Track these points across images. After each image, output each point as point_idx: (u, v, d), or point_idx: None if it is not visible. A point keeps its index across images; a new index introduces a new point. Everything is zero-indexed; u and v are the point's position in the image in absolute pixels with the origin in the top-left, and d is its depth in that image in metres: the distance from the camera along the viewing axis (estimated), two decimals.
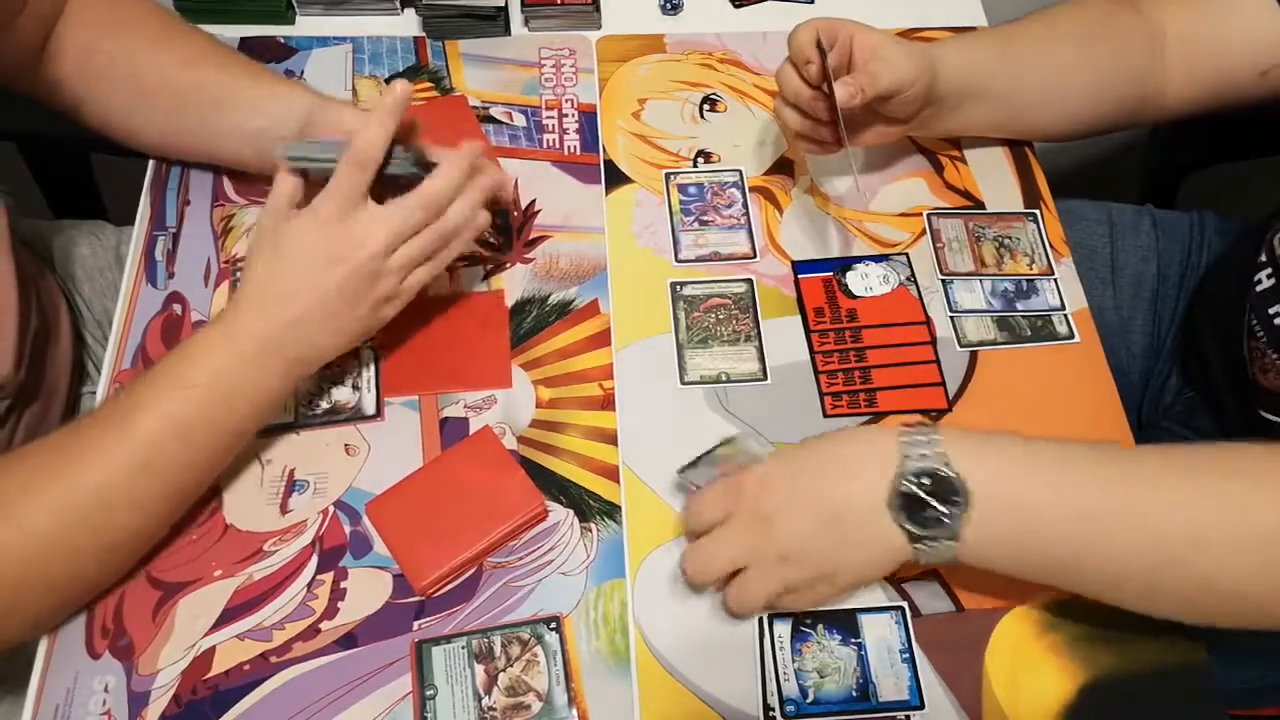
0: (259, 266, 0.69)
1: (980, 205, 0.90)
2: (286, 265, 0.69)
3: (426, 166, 0.72)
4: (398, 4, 1.00)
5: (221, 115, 0.81)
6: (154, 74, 0.81)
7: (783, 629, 0.69)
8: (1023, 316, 0.83)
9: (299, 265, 0.69)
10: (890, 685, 0.67)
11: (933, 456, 0.62)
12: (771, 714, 0.67)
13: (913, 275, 0.85)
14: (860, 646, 0.68)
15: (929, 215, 0.89)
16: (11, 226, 0.76)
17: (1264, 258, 0.82)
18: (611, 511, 0.74)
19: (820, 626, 0.69)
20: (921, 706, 0.67)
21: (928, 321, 0.83)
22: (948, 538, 0.62)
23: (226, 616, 0.69)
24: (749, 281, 0.85)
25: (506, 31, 0.99)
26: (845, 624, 0.69)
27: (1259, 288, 0.82)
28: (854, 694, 0.67)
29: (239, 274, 0.83)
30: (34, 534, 0.63)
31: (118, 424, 0.65)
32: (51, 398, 0.84)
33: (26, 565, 0.63)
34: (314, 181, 0.71)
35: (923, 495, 0.61)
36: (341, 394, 0.78)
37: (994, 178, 0.91)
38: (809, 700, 0.67)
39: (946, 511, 0.61)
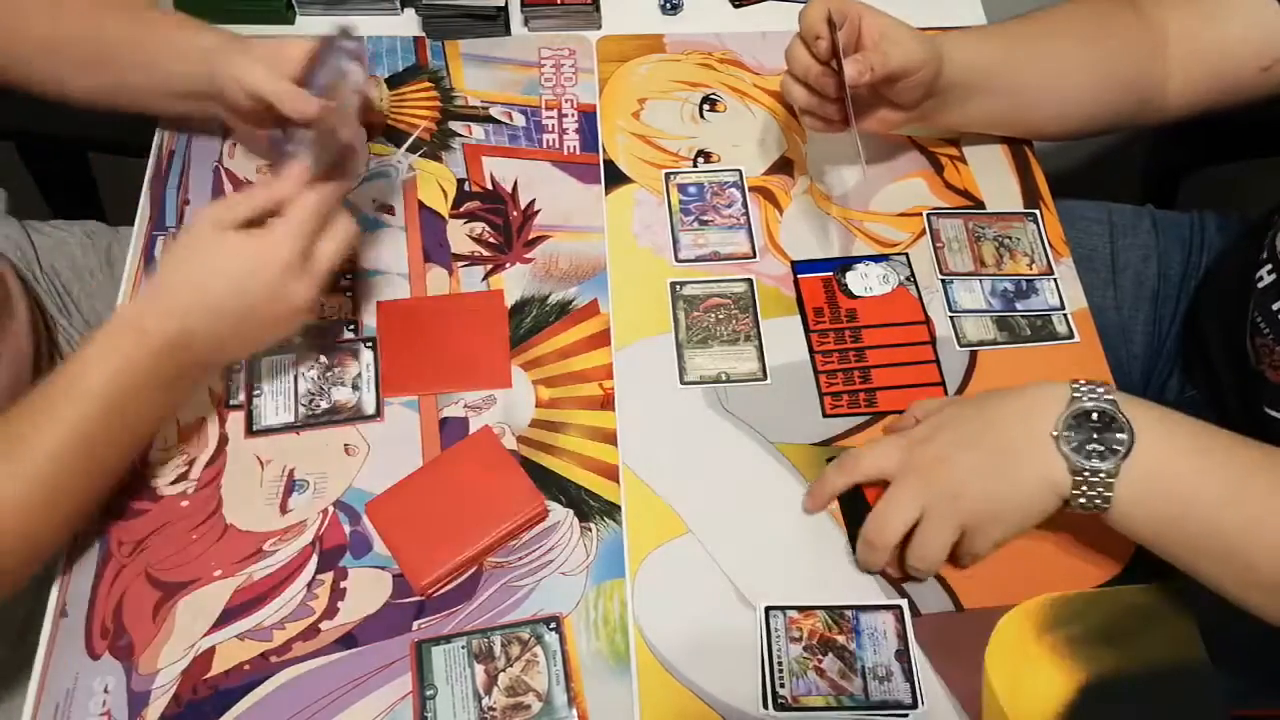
0: (193, 263, 0.68)
1: (980, 205, 0.90)
2: (213, 270, 0.68)
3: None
4: (397, 4, 1.00)
5: (131, 67, 0.82)
6: (50, 27, 0.81)
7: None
8: (1022, 316, 0.83)
9: (225, 273, 0.68)
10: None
11: (1103, 400, 0.64)
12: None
13: (912, 275, 0.85)
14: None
15: (929, 215, 0.89)
16: None
17: (1265, 254, 0.82)
18: (611, 511, 0.74)
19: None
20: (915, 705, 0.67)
21: (927, 321, 0.83)
22: (1107, 477, 0.63)
23: (226, 616, 0.69)
24: (749, 281, 0.85)
25: (506, 31, 0.99)
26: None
27: (1260, 284, 0.82)
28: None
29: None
30: None
31: (16, 439, 0.64)
32: (15, 390, 0.82)
33: None
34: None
35: (1090, 424, 0.64)
36: (341, 394, 0.78)
37: (994, 177, 0.91)
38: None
39: (1110, 448, 0.63)
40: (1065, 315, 0.83)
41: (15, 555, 0.64)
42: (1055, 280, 0.85)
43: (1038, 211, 0.89)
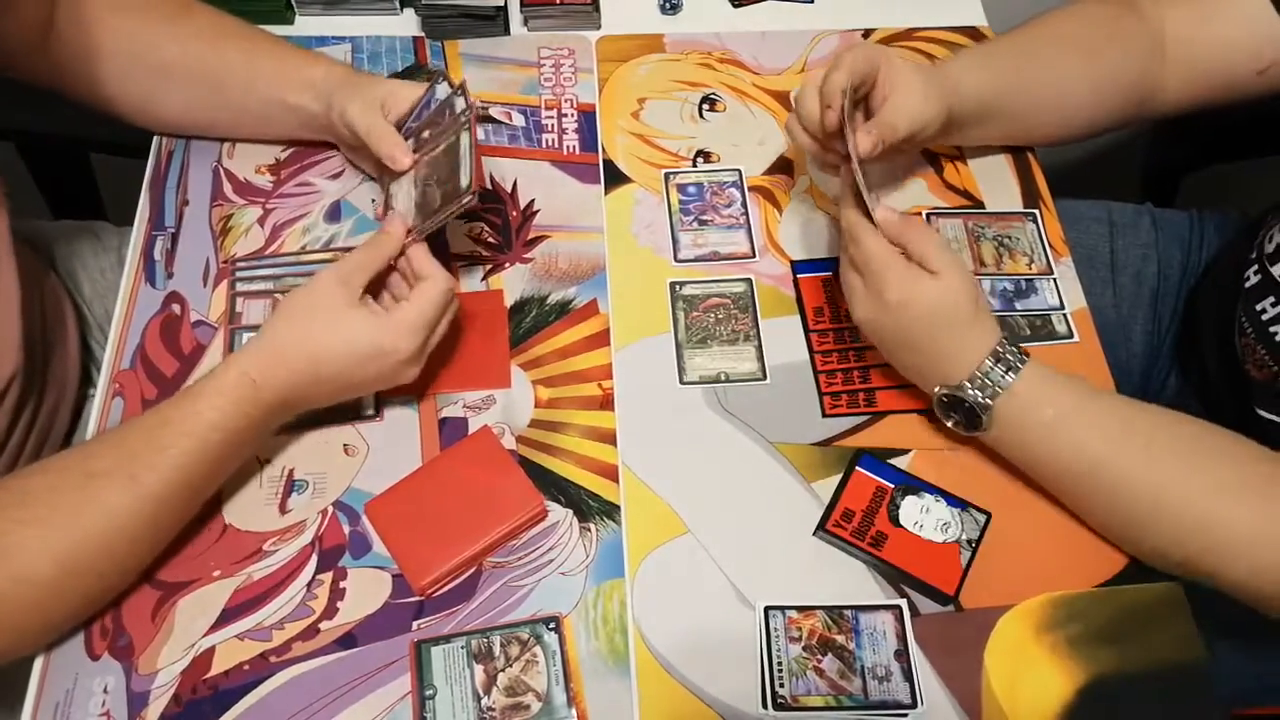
0: (315, 334, 0.69)
1: (980, 205, 0.90)
2: (334, 347, 0.69)
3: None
4: (397, 4, 1.00)
5: (248, 95, 0.84)
6: (175, 51, 0.82)
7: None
8: (1022, 316, 0.83)
9: (344, 354, 0.70)
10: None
11: (993, 390, 0.70)
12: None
13: None
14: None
15: (929, 215, 0.89)
16: (12, 226, 0.76)
17: (1254, 254, 0.83)
18: (611, 511, 0.74)
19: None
20: (914, 705, 0.67)
21: None
22: (1000, 381, 0.70)
23: (226, 616, 0.69)
24: (748, 281, 0.85)
25: (506, 31, 0.99)
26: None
27: (1248, 284, 0.82)
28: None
29: (236, 271, 0.83)
30: (35, 584, 0.62)
31: (125, 481, 0.65)
32: (60, 398, 0.84)
33: (25, 612, 0.63)
34: None
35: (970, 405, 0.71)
36: None
37: (993, 177, 0.91)
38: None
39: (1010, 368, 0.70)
40: (1065, 315, 0.83)
41: (131, 575, 0.69)
42: (1055, 280, 0.85)
43: (1037, 211, 0.89)
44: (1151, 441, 0.68)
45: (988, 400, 0.70)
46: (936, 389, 0.72)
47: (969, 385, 0.70)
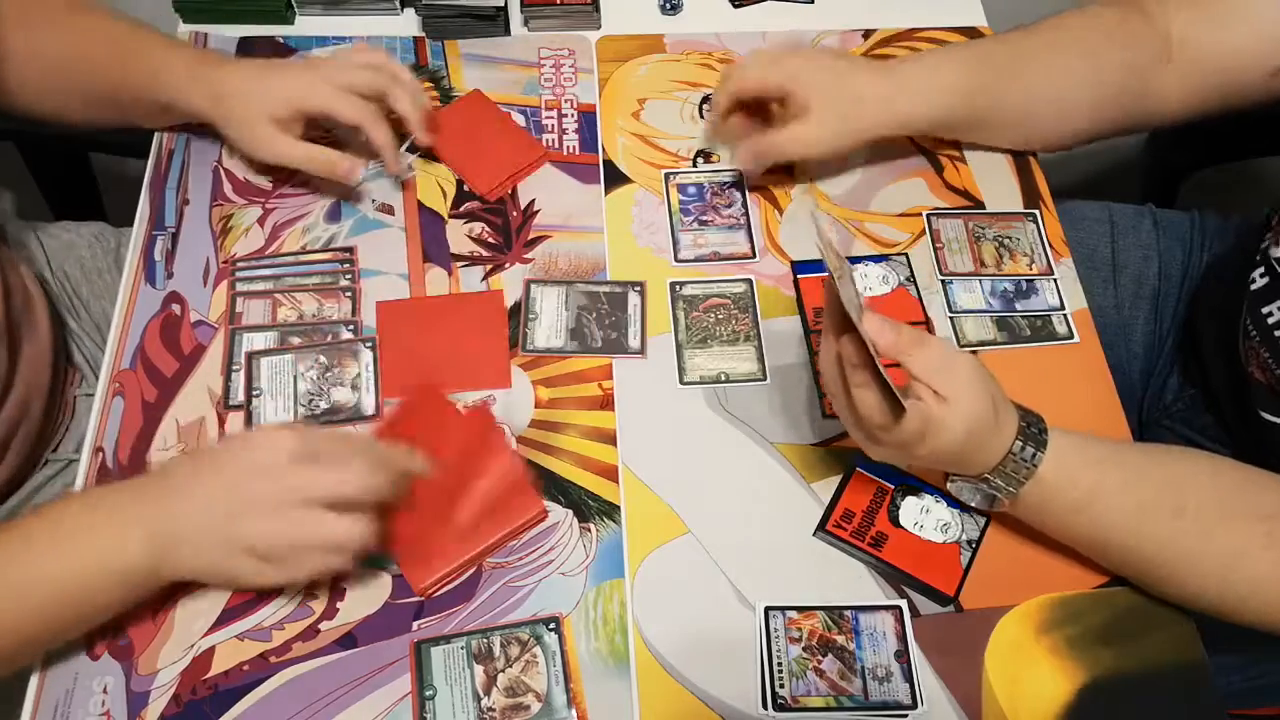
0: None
1: (980, 205, 0.90)
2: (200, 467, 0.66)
3: None
4: (397, 4, 1.00)
5: (118, 92, 0.84)
6: (63, 50, 0.83)
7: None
8: (1022, 317, 0.83)
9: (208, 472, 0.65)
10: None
11: (1019, 482, 0.67)
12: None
13: (912, 275, 0.85)
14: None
15: (929, 215, 0.89)
16: None
17: (1259, 257, 0.82)
18: (611, 512, 0.74)
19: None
20: (914, 706, 0.67)
21: (927, 322, 0.83)
22: (1032, 461, 0.66)
23: (226, 616, 0.69)
24: (748, 281, 0.85)
25: (506, 31, 0.99)
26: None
27: (1253, 287, 0.82)
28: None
29: (236, 271, 0.83)
30: None
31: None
32: (31, 390, 0.83)
33: None
34: None
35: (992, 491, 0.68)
36: (341, 394, 0.78)
37: (994, 178, 0.91)
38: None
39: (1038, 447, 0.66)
40: (1065, 315, 0.83)
41: None
42: (1055, 280, 0.85)
43: (1038, 212, 0.89)
44: (1180, 510, 0.66)
45: (1012, 490, 0.67)
46: (955, 481, 0.71)
47: (993, 477, 0.67)
